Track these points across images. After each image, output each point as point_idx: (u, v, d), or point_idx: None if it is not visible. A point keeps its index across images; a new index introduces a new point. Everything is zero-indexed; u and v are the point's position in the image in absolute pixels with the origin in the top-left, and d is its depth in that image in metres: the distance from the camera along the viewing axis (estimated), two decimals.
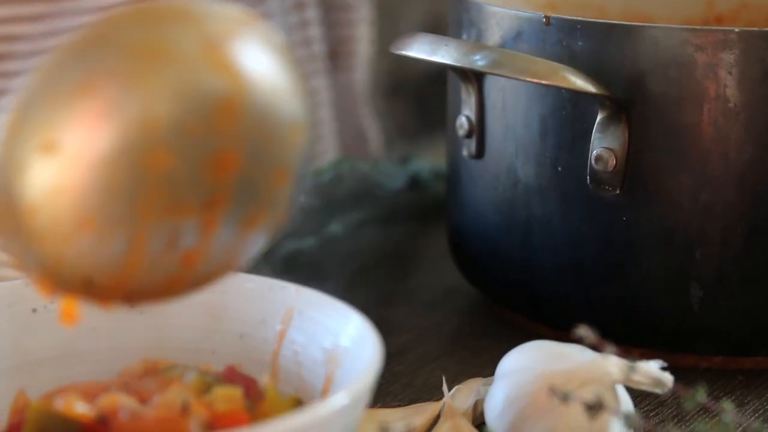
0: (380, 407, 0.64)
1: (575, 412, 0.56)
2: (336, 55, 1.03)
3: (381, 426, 0.57)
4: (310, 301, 0.58)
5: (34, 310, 0.59)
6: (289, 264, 0.77)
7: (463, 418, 0.61)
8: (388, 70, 1.11)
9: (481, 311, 0.76)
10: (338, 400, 0.49)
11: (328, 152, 1.04)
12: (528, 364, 0.58)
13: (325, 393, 0.56)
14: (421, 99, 2.00)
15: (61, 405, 0.51)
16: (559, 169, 0.67)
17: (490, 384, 0.62)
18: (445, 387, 0.63)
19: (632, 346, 0.66)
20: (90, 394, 0.54)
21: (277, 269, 0.73)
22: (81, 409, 0.51)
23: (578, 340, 0.54)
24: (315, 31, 1.01)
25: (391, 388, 0.67)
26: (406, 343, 0.72)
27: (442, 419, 0.61)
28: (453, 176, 0.75)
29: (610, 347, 0.54)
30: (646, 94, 0.64)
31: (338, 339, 0.56)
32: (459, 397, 0.63)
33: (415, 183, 0.89)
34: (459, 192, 0.74)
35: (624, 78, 0.64)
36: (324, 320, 0.58)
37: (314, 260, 0.80)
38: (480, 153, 0.71)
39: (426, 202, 0.89)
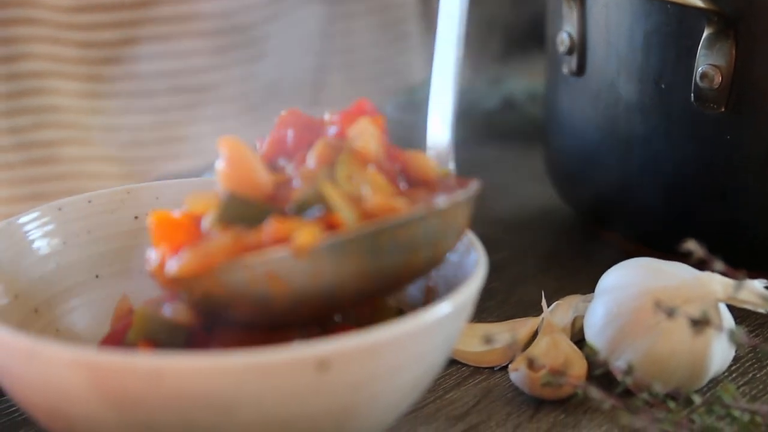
0: (476, 323, 0.64)
1: (677, 329, 0.56)
2: None
3: (485, 336, 0.57)
4: None
5: (136, 217, 0.60)
6: None
7: (562, 334, 0.60)
8: None
9: (577, 231, 0.76)
10: (442, 308, 0.49)
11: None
12: (631, 280, 0.58)
13: (426, 304, 0.56)
14: (505, 22, 1.98)
15: (168, 311, 0.52)
16: (663, 86, 0.65)
17: (588, 301, 0.62)
18: (544, 302, 0.63)
19: (732, 266, 0.65)
20: None
21: None
22: (186, 316, 0.52)
23: (684, 256, 0.53)
24: None
25: (487, 305, 0.66)
26: (502, 260, 0.72)
27: (540, 334, 0.61)
28: (552, 94, 0.74)
29: (718, 263, 0.53)
30: (756, 9, 0.62)
31: None
32: (557, 313, 0.62)
33: (509, 103, 0.88)
34: (558, 110, 0.73)
35: None
36: None
37: None
38: (581, 70, 0.70)
39: (520, 122, 0.88)
